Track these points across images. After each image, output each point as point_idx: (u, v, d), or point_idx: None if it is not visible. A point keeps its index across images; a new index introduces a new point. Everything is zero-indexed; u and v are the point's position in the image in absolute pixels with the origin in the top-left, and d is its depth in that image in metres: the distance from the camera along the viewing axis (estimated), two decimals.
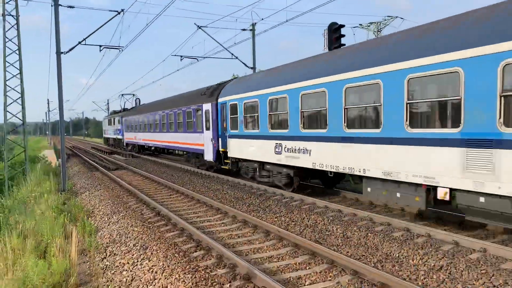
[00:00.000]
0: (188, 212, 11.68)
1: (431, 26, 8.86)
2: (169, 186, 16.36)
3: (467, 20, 7.98)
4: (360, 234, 8.70)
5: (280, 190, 13.68)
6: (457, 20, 8.28)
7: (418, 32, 9.08)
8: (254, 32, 25.34)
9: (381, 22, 31.06)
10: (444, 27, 8.38)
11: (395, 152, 9.13)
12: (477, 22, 7.70)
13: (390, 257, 7.35)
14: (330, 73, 11.12)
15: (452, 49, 7.78)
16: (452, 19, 8.48)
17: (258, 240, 8.69)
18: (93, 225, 11.23)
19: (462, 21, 8.09)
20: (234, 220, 10.45)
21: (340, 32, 14.93)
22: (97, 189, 16.91)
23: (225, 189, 15.16)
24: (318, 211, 10.89)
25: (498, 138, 7.05)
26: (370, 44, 10.76)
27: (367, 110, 10.06)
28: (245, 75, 19.90)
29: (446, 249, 7.46)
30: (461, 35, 7.81)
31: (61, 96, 18.39)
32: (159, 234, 9.39)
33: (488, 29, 7.32)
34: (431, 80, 8.29)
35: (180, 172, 21.57)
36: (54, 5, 17.69)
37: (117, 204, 13.33)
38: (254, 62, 25.77)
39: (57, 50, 17.95)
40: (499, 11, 7.43)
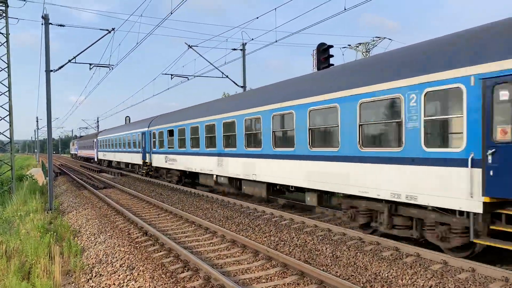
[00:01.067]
0: (176, 231, 11.54)
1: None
2: (157, 205, 16.20)
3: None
4: (350, 253, 8.66)
5: (270, 209, 13.63)
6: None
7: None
8: (245, 52, 25.55)
9: (369, 42, 31.59)
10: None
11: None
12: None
13: (379, 277, 7.30)
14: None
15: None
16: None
17: (247, 260, 8.59)
18: (79, 245, 11.02)
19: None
20: (223, 239, 10.34)
21: (328, 53, 15.14)
22: (84, 208, 16.68)
23: (215, 208, 15.05)
24: (308, 230, 10.84)
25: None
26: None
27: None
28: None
29: (435, 269, 7.44)
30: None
31: (49, 114, 18.27)
32: (146, 254, 9.25)
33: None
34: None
35: (169, 190, 21.40)
36: (45, 23, 17.72)
37: (104, 223, 13.14)
38: (244, 81, 25.91)
39: (46, 68, 17.90)
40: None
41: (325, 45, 15.24)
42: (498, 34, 7.07)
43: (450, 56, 7.54)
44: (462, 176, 7.17)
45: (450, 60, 7.46)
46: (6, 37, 23.86)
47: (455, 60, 7.39)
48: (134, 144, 30.88)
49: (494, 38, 7.07)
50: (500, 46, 6.81)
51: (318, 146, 10.93)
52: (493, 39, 7.06)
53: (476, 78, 6.94)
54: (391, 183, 8.56)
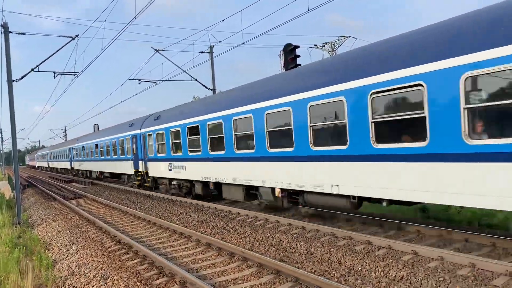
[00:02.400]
0: (150, 238, 11.42)
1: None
2: (130, 212, 15.98)
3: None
4: (324, 249, 8.79)
5: (245, 211, 13.66)
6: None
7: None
8: (212, 55, 25.54)
9: (335, 42, 32.08)
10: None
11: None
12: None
13: (353, 270, 7.45)
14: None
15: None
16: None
17: (223, 263, 8.60)
18: (50, 257, 10.76)
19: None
20: (198, 243, 10.31)
21: (295, 53, 15.31)
22: (54, 220, 16.28)
23: (189, 212, 14.97)
24: (282, 229, 10.93)
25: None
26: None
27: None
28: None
29: (406, 259, 7.65)
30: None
31: (13, 125, 17.74)
32: (120, 263, 9.12)
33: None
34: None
35: (142, 197, 21.13)
36: (4, 32, 17.20)
37: (76, 234, 12.87)
38: (214, 84, 25.90)
39: (8, 78, 17.39)
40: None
41: (292, 45, 15.40)
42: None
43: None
44: None
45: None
46: None
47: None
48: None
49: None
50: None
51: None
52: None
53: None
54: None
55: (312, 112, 9.80)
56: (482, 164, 6.46)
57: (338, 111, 9.11)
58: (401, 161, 7.76)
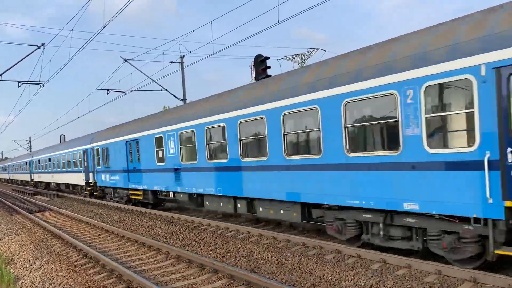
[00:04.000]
0: (118, 251, 11.15)
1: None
2: (97, 225, 15.57)
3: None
4: (294, 259, 8.81)
5: (216, 222, 13.55)
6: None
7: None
8: (183, 65, 25.46)
9: (304, 54, 32.57)
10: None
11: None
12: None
13: (323, 280, 7.49)
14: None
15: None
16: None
17: (193, 275, 8.48)
18: (12, 273, 10.33)
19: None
20: (168, 256, 10.13)
21: (266, 64, 15.45)
22: (17, 234, 15.66)
23: (158, 224, 14.72)
24: (253, 239, 10.90)
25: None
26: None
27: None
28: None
29: (375, 268, 7.75)
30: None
31: None
32: (86, 277, 8.85)
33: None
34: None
35: (109, 210, 20.65)
36: None
37: (40, 248, 12.42)
38: (184, 94, 25.78)
39: None
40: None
41: (262, 56, 15.54)
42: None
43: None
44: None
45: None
46: None
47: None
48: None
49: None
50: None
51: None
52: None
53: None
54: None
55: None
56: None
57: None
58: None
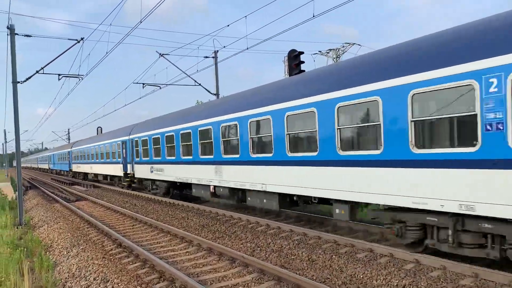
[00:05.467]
0: (151, 242, 11.40)
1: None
2: (131, 216, 15.96)
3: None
4: (325, 256, 8.74)
5: (246, 216, 13.62)
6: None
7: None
8: (217, 60, 25.59)
9: (339, 48, 32.08)
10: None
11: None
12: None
13: (354, 278, 7.40)
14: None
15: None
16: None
17: (224, 268, 8.56)
18: (51, 259, 10.74)
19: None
20: (199, 248, 10.28)
21: (299, 59, 15.29)
22: (56, 222, 16.27)
23: (190, 216, 14.94)
24: (284, 235, 10.89)
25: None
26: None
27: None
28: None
29: (408, 268, 7.60)
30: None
31: (17, 126, 17.79)
32: (120, 266, 9.09)
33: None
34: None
35: (143, 201, 21.11)
36: (10, 34, 17.30)
37: (77, 236, 12.85)
38: (217, 89, 25.93)
39: (13, 80, 17.46)
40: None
41: (296, 51, 15.38)
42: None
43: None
44: None
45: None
46: None
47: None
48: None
49: None
50: None
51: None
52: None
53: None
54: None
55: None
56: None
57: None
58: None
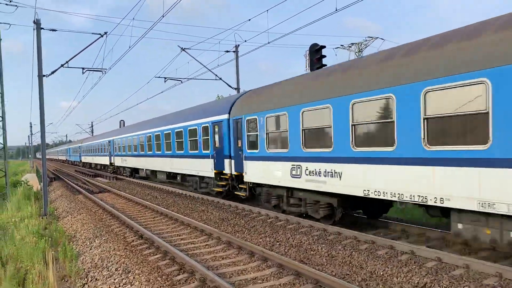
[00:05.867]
0: (171, 234, 11.53)
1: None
2: (152, 208, 16.18)
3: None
4: (345, 252, 8.69)
5: (265, 210, 13.63)
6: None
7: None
8: (237, 54, 25.59)
9: (362, 42, 31.68)
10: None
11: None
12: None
13: (374, 275, 7.34)
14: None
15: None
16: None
17: (243, 262, 8.60)
18: (74, 249, 10.99)
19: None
20: (219, 241, 10.35)
21: (321, 53, 15.17)
22: (79, 213, 16.62)
23: (210, 210, 15.05)
24: (303, 230, 10.86)
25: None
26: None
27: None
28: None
29: (430, 266, 7.48)
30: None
31: (42, 119, 18.21)
32: (142, 257, 9.23)
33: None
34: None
35: (164, 193, 21.36)
36: (36, 28, 17.66)
37: (99, 228, 13.11)
38: (238, 83, 25.95)
39: (39, 73, 17.85)
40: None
41: (318, 45, 15.26)
42: None
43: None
44: None
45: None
46: None
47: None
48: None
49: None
50: None
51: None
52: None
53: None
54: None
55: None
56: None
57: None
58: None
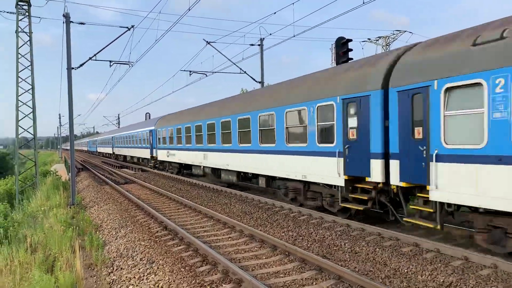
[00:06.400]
0: (195, 226, 11.65)
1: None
2: (177, 200, 16.38)
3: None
4: (368, 249, 8.60)
5: (288, 204, 13.61)
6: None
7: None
8: (262, 47, 25.51)
9: (389, 36, 31.08)
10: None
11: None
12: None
13: (398, 272, 7.24)
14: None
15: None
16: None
17: (265, 255, 8.62)
18: (100, 239, 11.24)
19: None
20: (241, 234, 10.40)
21: (347, 47, 14.99)
22: (106, 203, 16.98)
23: (233, 203, 15.12)
24: (326, 225, 10.80)
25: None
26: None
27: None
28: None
29: (456, 265, 7.33)
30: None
31: (71, 110, 18.62)
32: (166, 248, 9.37)
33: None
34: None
35: (188, 186, 21.59)
36: (66, 22, 18.03)
37: (125, 218, 13.36)
38: (262, 77, 25.89)
39: (68, 66, 18.24)
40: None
41: (344, 39, 15.07)
42: None
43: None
44: None
45: None
46: (29, 36, 24.43)
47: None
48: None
49: None
50: None
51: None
52: None
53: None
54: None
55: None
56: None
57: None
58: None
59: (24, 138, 28.69)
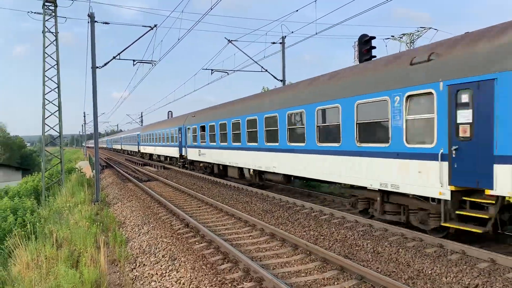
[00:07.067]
0: (216, 224, 11.71)
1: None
2: (198, 197, 16.49)
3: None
4: (391, 249, 8.48)
5: (310, 204, 13.54)
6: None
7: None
8: (284, 45, 25.42)
9: (413, 33, 30.54)
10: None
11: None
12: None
13: (422, 274, 7.12)
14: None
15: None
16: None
17: (286, 254, 8.60)
18: (124, 235, 11.42)
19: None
20: (262, 233, 10.40)
21: (371, 44, 14.76)
22: (129, 200, 17.23)
23: (254, 201, 15.14)
24: (348, 225, 10.70)
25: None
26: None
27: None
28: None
29: (482, 267, 7.16)
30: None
31: (95, 108, 18.96)
32: (187, 245, 9.45)
33: None
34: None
35: (209, 184, 21.71)
36: (91, 21, 18.35)
37: (147, 215, 13.53)
38: (284, 75, 25.79)
39: (92, 65, 18.56)
40: None
41: (367, 36, 14.85)
42: None
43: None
44: None
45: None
46: (55, 36, 24.95)
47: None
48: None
49: None
50: None
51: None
52: None
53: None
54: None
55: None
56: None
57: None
58: None
59: (50, 136, 29.38)
